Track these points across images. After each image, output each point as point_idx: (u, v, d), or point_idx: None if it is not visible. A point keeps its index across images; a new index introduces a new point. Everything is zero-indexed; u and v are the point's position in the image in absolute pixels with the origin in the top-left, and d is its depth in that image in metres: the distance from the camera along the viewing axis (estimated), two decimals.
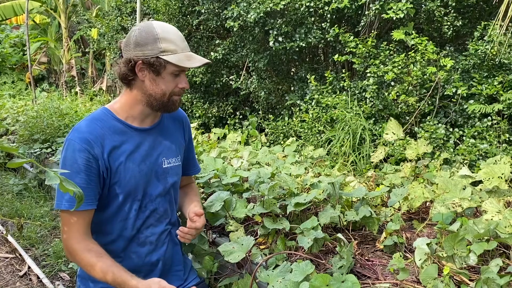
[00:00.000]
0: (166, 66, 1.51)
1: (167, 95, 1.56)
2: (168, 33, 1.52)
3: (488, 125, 3.40)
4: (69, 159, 1.48)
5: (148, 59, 1.49)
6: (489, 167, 2.16)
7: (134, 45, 1.51)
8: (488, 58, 3.56)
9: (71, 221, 1.47)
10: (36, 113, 5.40)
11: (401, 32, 3.84)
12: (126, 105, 1.60)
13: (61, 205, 1.46)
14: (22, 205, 4.29)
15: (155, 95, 1.55)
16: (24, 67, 13.41)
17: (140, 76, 1.53)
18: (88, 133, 1.51)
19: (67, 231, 1.48)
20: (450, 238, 1.54)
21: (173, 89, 1.57)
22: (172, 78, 1.55)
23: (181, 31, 6.06)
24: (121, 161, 1.55)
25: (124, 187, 1.56)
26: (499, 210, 1.77)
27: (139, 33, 1.51)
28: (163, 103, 1.57)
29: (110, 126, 1.56)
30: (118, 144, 1.55)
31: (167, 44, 1.50)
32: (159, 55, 1.49)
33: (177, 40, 1.53)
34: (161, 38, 1.49)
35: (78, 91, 11.09)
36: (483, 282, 1.39)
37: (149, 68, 1.51)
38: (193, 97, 5.95)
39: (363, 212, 1.89)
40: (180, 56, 1.51)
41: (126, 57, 1.52)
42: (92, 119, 1.56)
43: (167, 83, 1.54)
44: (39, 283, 2.90)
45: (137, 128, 1.61)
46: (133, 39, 1.51)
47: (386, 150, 3.37)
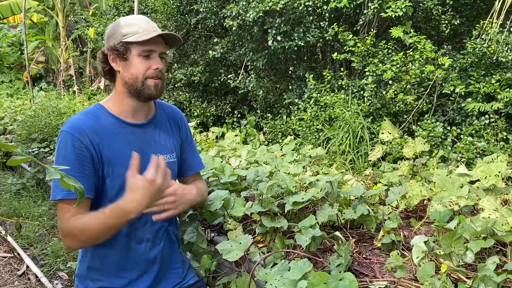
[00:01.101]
0: (130, 49, 1.55)
1: (139, 79, 1.57)
2: (130, 18, 1.59)
3: (485, 123, 3.41)
4: (62, 149, 1.50)
5: (114, 46, 1.55)
6: (486, 165, 2.17)
7: (106, 39, 1.60)
8: (485, 57, 3.57)
9: (65, 209, 1.48)
10: (34, 112, 5.39)
11: (399, 30, 3.85)
12: (117, 101, 1.63)
13: (56, 195, 1.47)
14: (20, 204, 4.29)
15: (129, 81, 1.58)
16: (22, 66, 13.37)
17: (115, 66, 1.59)
18: (81, 124, 1.53)
19: (62, 219, 1.49)
20: (447, 236, 1.55)
21: (145, 72, 1.57)
22: (141, 60, 1.56)
23: (179, 30, 6.08)
24: (113, 155, 1.55)
25: (116, 182, 1.56)
26: (496, 208, 1.77)
27: (110, 27, 1.61)
28: (137, 88, 1.58)
29: (103, 120, 1.58)
30: (111, 138, 1.56)
31: (129, 28, 1.55)
32: (122, 39, 1.54)
33: (140, 22, 1.58)
34: (124, 24, 1.56)
35: (76, 90, 11.06)
36: (480, 279, 1.40)
37: (117, 56, 1.56)
38: (191, 96, 5.95)
39: (361, 211, 1.90)
40: (141, 35, 1.54)
41: (101, 51, 1.60)
42: (85, 113, 1.60)
43: (137, 66, 1.56)
44: (37, 282, 2.90)
45: (130, 123, 1.63)
46: (107, 33, 1.60)
47: (384, 149, 3.38)
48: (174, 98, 6.07)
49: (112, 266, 1.63)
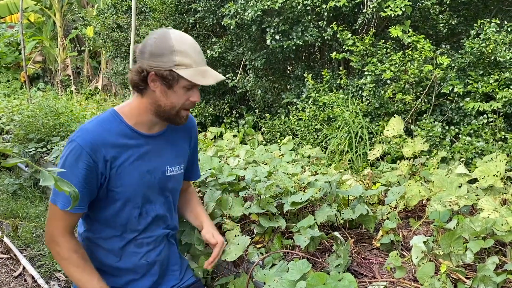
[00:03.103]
0: (179, 80, 1.46)
1: (176, 109, 1.52)
2: (184, 45, 1.46)
3: (484, 123, 3.41)
4: (69, 160, 1.46)
5: (161, 71, 1.44)
6: (484, 165, 2.16)
7: (148, 55, 1.45)
8: (484, 56, 3.56)
9: (59, 216, 1.49)
10: (31, 112, 5.36)
11: (398, 29, 3.84)
12: (135, 111, 1.56)
13: (57, 202, 1.46)
14: (17, 205, 4.27)
15: (164, 107, 1.51)
16: (19, 66, 13.34)
17: (152, 86, 1.49)
18: (94, 136, 1.48)
19: (53, 224, 1.50)
20: (446, 236, 1.54)
21: (183, 103, 1.52)
22: (184, 91, 1.50)
23: (177, 29, 6.04)
24: (123, 168, 1.52)
25: (124, 193, 1.54)
26: (495, 208, 1.77)
27: (155, 42, 1.45)
28: (171, 115, 1.54)
29: (118, 130, 1.53)
30: (123, 149, 1.53)
31: (182, 57, 1.44)
32: (173, 68, 1.44)
33: (193, 53, 1.47)
34: (177, 50, 1.44)
35: (74, 90, 11.05)
36: (479, 280, 1.39)
37: (161, 80, 1.46)
38: None
39: (360, 210, 1.89)
40: (194, 72, 1.46)
41: (139, 66, 1.48)
42: (100, 121, 1.53)
43: (178, 97, 1.50)
44: (34, 284, 2.88)
45: (144, 135, 1.58)
46: (148, 48, 1.46)
47: (383, 148, 3.37)
48: None
49: (111, 267, 1.63)
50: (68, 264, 1.51)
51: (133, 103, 1.57)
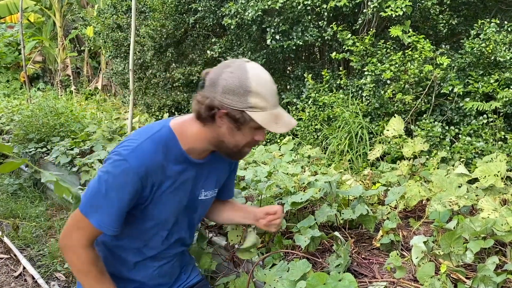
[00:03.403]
0: (250, 123, 1.35)
1: (239, 147, 1.43)
2: (261, 86, 1.33)
3: (483, 123, 3.41)
4: (119, 178, 1.35)
5: (233, 111, 1.32)
6: (485, 165, 2.16)
7: (221, 90, 1.31)
8: (484, 56, 3.57)
9: (86, 229, 1.40)
10: (31, 112, 5.36)
11: (398, 29, 3.85)
12: (192, 137, 1.45)
13: (90, 216, 1.37)
14: (17, 205, 4.26)
15: (227, 144, 1.42)
16: (19, 66, 13.34)
17: (218, 122, 1.37)
18: (150, 160, 1.37)
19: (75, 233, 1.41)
20: (447, 236, 1.54)
21: (248, 141, 1.42)
22: (251, 131, 1.39)
23: (177, 30, 6.07)
24: (166, 193, 1.46)
25: (159, 215, 1.49)
26: (495, 208, 1.77)
27: (231, 78, 1.31)
28: (233, 152, 1.45)
29: (173, 156, 1.43)
30: (172, 176, 1.44)
31: (258, 99, 1.32)
32: (246, 110, 1.32)
33: (269, 95, 1.35)
34: (253, 92, 1.31)
35: (74, 90, 11.05)
36: (479, 280, 1.39)
37: (230, 119, 1.35)
38: (189, 96, 5.94)
39: (360, 211, 1.89)
40: (267, 116, 1.34)
41: (209, 99, 1.34)
42: (158, 143, 1.40)
43: (244, 137, 1.40)
44: (34, 284, 2.88)
45: (193, 162, 1.48)
46: (222, 82, 1.32)
47: (383, 148, 3.37)
48: (172, 98, 6.06)
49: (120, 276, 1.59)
50: (85, 277, 1.44)
51: (193, 129, 1.44)
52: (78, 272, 1.45)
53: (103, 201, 1.36)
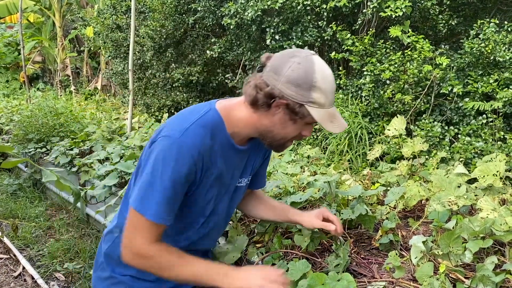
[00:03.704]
0: (306, 118, 1.31)
1: (286, 139, 1.40)
2: (325, 82, 1.29)
3: (483, 123, 3.42)
4: (173, 162, 1.26)
5: (293, 103, 1.28)
6: (484, 165, 2.16)
7: (285, 80, 1.27)
8: (483, 56, 3.57)
9: (146, 228, 1.31)
10: (31, 113, 5.37)
11: (398, 29, 3.85)
12: (239, 122, 1.39)
13: (144, 211, 1.28)
14: (17, 205, 4.27)
15: (275, 135, 1.37)
16: (19, 66, 13.34)
17: (273, 111, 1.32)
18: (201, 144, 1.30)
19: (139, 236, 1.32)
20: (446, 236, 1.54)
21: (295, 135, 1.39)
22: (301, 126, 1.36)
23: (177, 30, 6.07)
24: (211, 180, 1.40)
25: (200, 202, 1.43)
26: (494, 208, 1.77)
27: (297, 69, 1.26)
28: (276, 143, 1.41)
29: (219, 140, 1.36)
30: (217, 161, 1.39)
31: (319, 95, 1.28)
32: (306, 104, 1.28)
33: (329, 93, 1.31)
34: (317, 87, 1.27)
35: (73, 90, 11.05)
36: (478, 279, 1.39)
37: (288, 111, 1.31)
38: (189, 96, 5.94)
39: (359, 211, 1.89)
40: (324, 114, 1.31)
41: (270, 88, 1.29)
42: (206, 126, 1.33)
43: (294, 130, 1.36)
44: (33, 284, 2.88)
45: (236, 148, 1.43)
46: (287, 71, 1.27)
47: (382, 148, 3.37)
48: (171, 98, 6.06)
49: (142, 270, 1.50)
50: (173, 268, 1.34)
51: (241, 113, 1.39)
52: (163, 271, 1.35)
53: (159, 192, 1.27)
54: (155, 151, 1.29)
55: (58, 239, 3.51)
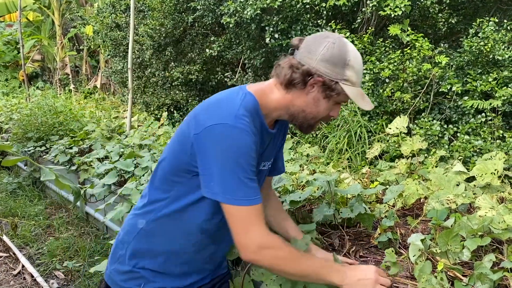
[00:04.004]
0: (340, 95, 1.36)
1: (317, 119, 1.43)
2: (357, 61, 1.36)
3: (482, 121, 3.42)
4: (245, 146, 1.26)
5: (329, 81, 1.33)
6: (482, 163, 2.17)
7: (320, 58, 1.32)
8: (482, 55, 3.57)
9: (254, 215, 1.28)
10: (30, 111, 5.37)
11: (397, 28, 3.85)
12: (272, 103, 1.41)
13: (241, 201, 1.26)
14: (16, 203, 4.27)
15: (307, 114, 1.41)
16: (18, 65, 13.33)
17: (308, 89, 1.37)
18: (251, 125, 1.30)
19: (254, 228, 1.28)
20: (444, 234, 1.54)
21: (325, 115, 1.43)
22: (332, 105, 1.40)
23: (176, 28, 6.06)
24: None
25: None
26: (492, 206, 1.77)
27: (332, 48, 1.32)
28: (307, 123, 1.44)
29: (257, 123, 1.37)
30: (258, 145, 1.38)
31: (352, 73, 1.34)
32: (340, 82, 1.34)
33: (360, 72, 1.38)
34: (350, 65, 1.34)
35: (72, 89, 11.04)
36: (476, 277, 1.39)
37: (322, 88, 1.35)
38: (188, 95, 5.94)
39: (358, 209, 1.89)
40: (356, 92, 1.37)
41: (305, 66, 1.34)
42: (249, 109, 1.33)
43: (326, 109, 1.40)
44: (33, 282, 2.88)
45: (269, 131, 1.44)
46: (322, 50, 1.32)
47: (382, 147, 3.38)
48: (171, 97, 6.06)
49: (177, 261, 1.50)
50: (298, 260, 1.32)
51: (274, 95, 1.41)
52: (285, 262, 1.31)
53: (238, 175, 1.25)
54: (213, 141, 1.26)
55: (58, 238, 3.51)
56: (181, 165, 1.37)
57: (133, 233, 1.49)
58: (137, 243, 1.48)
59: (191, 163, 1.33)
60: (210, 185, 1.28)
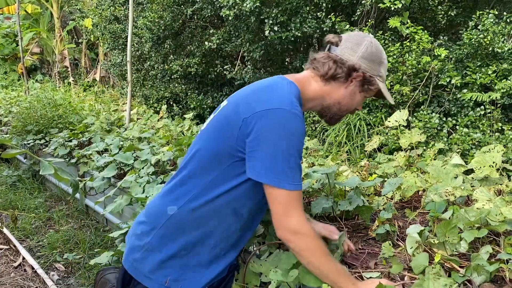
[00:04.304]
0: (372, 90, 1.49)
1: (348, 111, 1.54)
2: (386, 61, 1.53)
3: (481, 114, 3.42)
4: (299, 132, 1.31)
5: (369, 76, 1.46)
6: (480, 156, 2.17)
7: (361, 55, 1.45)
8: (481, 47, 3.56)
9: (295, 199, 1.32)
10: (29, 104, 5.36)
11: (397, 20, 3.84)
12: (310, 94, 1.49)
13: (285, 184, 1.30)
14: (16, 196, 4.28)
15: (341, 106, 1.50)
16: (17, 57, 13.29)
17: (349, 83, 1.47)
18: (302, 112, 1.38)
19: (294, 211, 1.32)
20: (442, 226, 1.55)
21: (354, 109, 1.55)
22: (362, 99, 1.53)
23: (175, 21, 6.04)
24: None
25: None
26: (489, 198, 1.78)
27: (371, 47, 1.46)
28: (339, 115, 1.54)
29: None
30: None
31: (384, 70, 1.51)
32: (376, 77, 1.47)
33: (386, 70, 1.55)
34: (384, 64, 1.50)
35: (72, 82, 11.02)
36: (473, 268, 1.41)
37: (361, 83, 1.47)
38: (188, 88, 5.93)
39: (356, 202, 1.90)
40: (385, 87, 1.52)
41: (350, 61, 1.44)
42: (297, 97, 1.39)
43: (357, 102, 1.52)
44: (33, 274, 2.90)
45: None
46: (362, 48, 1.45)
47: (380, 140, 3.38)
48: (170, 90, 6.05)
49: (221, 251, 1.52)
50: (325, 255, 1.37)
51: (312, 86, 1.49)
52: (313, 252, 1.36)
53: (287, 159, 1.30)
54: (268, 125, 1.29)
55: (58, 230, 3.53)
56: (223, 150, 1.38)
57: (162, 220, 1.47)
58: (166, 229, 1.46)
59: (236, 148, 1.35)
60: (257, 167, 1.31)
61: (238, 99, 1.43)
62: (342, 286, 1.37)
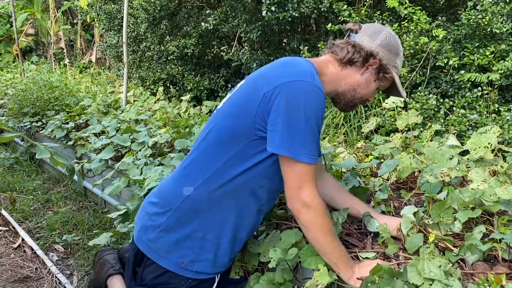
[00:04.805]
0: (386, 79, 1.53)
1: (362, 99, 1.56)
2: (402, 53, 1.57)
3: (478, 95, 3.42)
4: (320, 106, 1.33)
5: (386, 65, 1.49)
6: (476, 137, 2.18)
7: (380, 43, 1.48)
8: (480, 28, 3.54)
9: (309, 173, 1.33)
10: (25, 86, 5.33)
11: (395, 0, 3.79)
12: (328, 76, 1.51)
13: (300, 156, 1.30)
14: (14, 178, 4.29)
15: (356, 93, 1.53)
16: (11, 39, 13.10)
17: (365, 69, 1.50)
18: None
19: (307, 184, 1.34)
20: (437, 206, 1.57)
21: (367, 98, 1.57)
22: (375, 89, 1.56)
23: (171, 1, 5.93)
24: None
25: None
26: (484, 179, 1.79)
27: (389, 37, 1.50)
28: (353, 102, 1.56)
29: None
30: None
31: (399, 62, 1.54)
32: (392, 68, 1.51)
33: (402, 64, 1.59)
34: (400, 56, 1.54)
35: (67, 63, 10.91)
36: (466, 248, 1.43)
37: (378, 70, 1.50)
38: (184, 69, 5.88)
39: (352, 182, 1.92)
40: (399, 79, 1.55)
41: (368, 47, 1.47)
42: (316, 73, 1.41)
43: (372, 91, 1.55)
44: (33, 255, 2.93)
45: None
46: (381, 37, 1.49)
47: (377, 121, 3.38)
48: (166, 71, 6.00)
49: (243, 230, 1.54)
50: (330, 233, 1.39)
51: (329, 69, 1.52)
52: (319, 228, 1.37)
53: (306, 132, 1.31)
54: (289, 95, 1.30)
55: (56, 212, 3.55)
56: (239, 129, 1.38)
57: (178, 201, 1.47)
58: (182, 210, 1.46)
59: (254, 125, 1.36)
60: (276, 139, 1.32)
61: (257, 77, 1.44)
62: (340, 269, 1.39)
